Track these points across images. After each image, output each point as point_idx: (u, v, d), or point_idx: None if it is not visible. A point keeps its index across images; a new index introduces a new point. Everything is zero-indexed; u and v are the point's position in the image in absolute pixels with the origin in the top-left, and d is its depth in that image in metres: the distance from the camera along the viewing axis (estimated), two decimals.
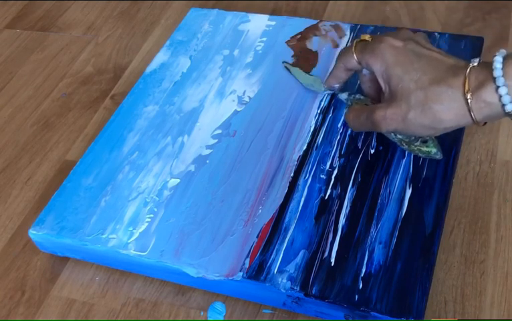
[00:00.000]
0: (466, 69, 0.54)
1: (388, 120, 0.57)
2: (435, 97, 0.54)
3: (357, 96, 0.69)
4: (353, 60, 0.63)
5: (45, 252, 0.65)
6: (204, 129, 0.71)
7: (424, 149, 0.63)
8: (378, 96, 0.65)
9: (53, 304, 0.62)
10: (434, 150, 0.63)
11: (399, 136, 0.64)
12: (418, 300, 0.54)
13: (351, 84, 0.72)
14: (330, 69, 0.71)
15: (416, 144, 0.63)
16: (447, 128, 0.56)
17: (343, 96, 0.70)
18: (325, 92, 0.72)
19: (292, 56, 0.79)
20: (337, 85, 0.68)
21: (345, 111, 0.68)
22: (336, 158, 0.66)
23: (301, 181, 0.64)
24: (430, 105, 0.55)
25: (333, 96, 0.72)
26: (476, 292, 0.58)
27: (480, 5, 0.88)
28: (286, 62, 0.77)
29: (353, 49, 0.63)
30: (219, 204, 0.63)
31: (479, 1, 0.89)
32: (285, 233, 0.60)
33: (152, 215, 0.63)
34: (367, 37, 0.63)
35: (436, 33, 0.78)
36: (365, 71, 0.65)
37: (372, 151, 0.67)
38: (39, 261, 0.65)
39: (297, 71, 0.76)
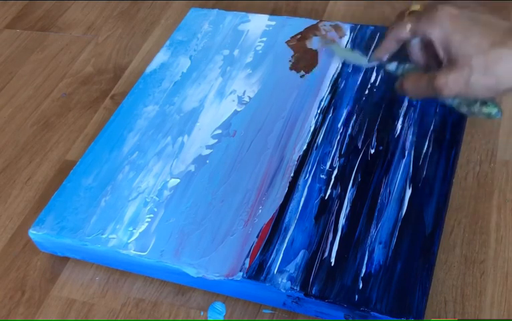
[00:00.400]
0: None
1: (451, 85, 0.58)
2: (496, 59, 0.56)
3: (407, 65, 0.67)
4: (407, 31, 0.63)
5: (45, 252, 0.65)
6: (204, 129, 0.71)
7: (485, 110, 0.62)
8: (429, 64, 0.65)
9: (53, 304, 0.62)
10: (494, 110, 0.62)
11: (457, 100, 0.63)
12: (418, 300, 0.54)
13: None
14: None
15: (475, 105, 0.62)
16: (508, 88, 0.57)
17: (392, 67, 0.68)
18: (370, 64, 0.71)
19: (292, 56, 0.79)
20: (386, 57, 0.67)
21: (398, 81, 0.65)
22: (336, 158, 0.66)
23: (301, 181, 0.64)
24: (491, 67, 0.56)
25: (333, 97, 0.72)
26: (476, 292, 0.58)
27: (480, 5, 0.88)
28: (323, 40, 0.78)
29: (406, 20, 0.63)
30: (219, 204, 0.63)
31: (479, 0, 0.89)
32: (285, 233, 0.60)
33: (152, 215, 0.63)
34: (417, 7, 0.63)
35: None
36: (414, 41, 0.64)
37: (372, 151, 0.67)
38: (39, 261, 0.65)
39: (336, 47, 0.76)
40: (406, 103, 0.71)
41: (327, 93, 0.73)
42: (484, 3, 0.62)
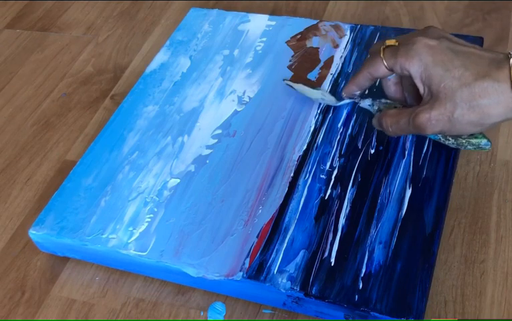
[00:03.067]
0: (508, 61, 0.53)
1: (434, 121, 0.56)
2: (482, 92, 0.54)
3: (383, 101, 0.66)
4: (383, 67, 0.60)
5: (45, 252, 0.65)
6: (204, 129, 0.71)
7: (473, 141, 0.61)
8: (405, 100, 0.63)
9: (53, 304, 0.62)
10: (484, 141, 0.61)
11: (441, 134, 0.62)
12: (418, 300, 0.54)
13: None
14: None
15: (462, 137, 0.61)
16: (495, 122, 0.55)
17: (366, 103, 0.66)
18: (340, 103, 0.69)
19: (292, 56, 0.79)
20: (358, 93, 0.66)
21: (375, 117, 0.64)
22: (336, 158, 0.66)
23: (301, 181, 0.64)
24: (477, 101, 0.54)
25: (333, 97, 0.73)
26: (476, 292, 0.58)
27: (480, 5, 0.88)
28: (286, 79, 0.75)
29: (382, 55, 0.60)
30: (219, 204, 0.63)
31: (479, 0, 0.89)
32: (285, 233, 0.60)
33: (152, 215, 0.63)
34: (392, 41, 0.60)
35: None
36: (389, 77, 0.62)
37: (372, 151, 0.67)
38: (39, 261, 0.65)
39: (301, 87, 0.73)
40: None
41: (344, 103, 0.73)
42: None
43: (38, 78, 0.87)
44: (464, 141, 0.62)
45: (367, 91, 0.69)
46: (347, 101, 0.69)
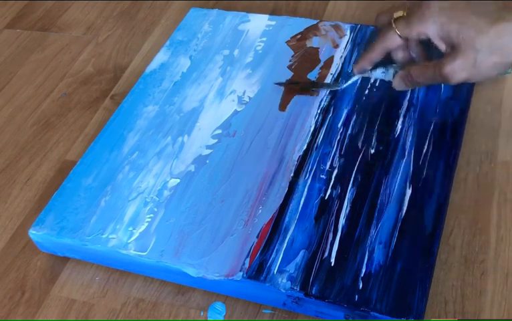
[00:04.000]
0: None
1: (458, 70, 0.60)
2: (499, 34, 0.58)
3: (395, 65, 0.68)
4: (398, 38, 0.64)
5: (45, 252, 0.65)
6: (204, 129, 0.71)
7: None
8: (413, 60, 0.67)
9: (53, 304, 0.62)
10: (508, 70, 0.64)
11: None
12: (418, 300, 0.54)
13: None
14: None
15: None
16: None
17: (379, 72, 0.68)
18: (347, 84, 0.71)
19: (292, 56, 0.79)
20: (369, 67, 0.68)
21: (396, 78, 0.66)
22: (336, 158, 0.66)
23: (301, 181, 0.64)
24: (496, 43, 0.58)
25: (333, 97, 0.72)
26: (476, 292, 0.58)
27: None
28: (280, 83, 0.75)
29: (394, 27, 0.64)
30: (219, 204, 0.63)
31: (479, 0, 0.89)
32: (285, 233, 0.60)
33: (152, 215, 0.63)
34: (400, 13, 0.64)
35: None
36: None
37: (372, 151, 0.67)
38: (39, 261, 0.65)
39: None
40: (406, 104, 0.71)
41: (327, 93, 0.73)
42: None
43: (38, 78, 0.87)
44: None
45: None
46: (354, 78, 0.70)
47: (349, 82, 0.71)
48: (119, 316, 0.60)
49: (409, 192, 0.62)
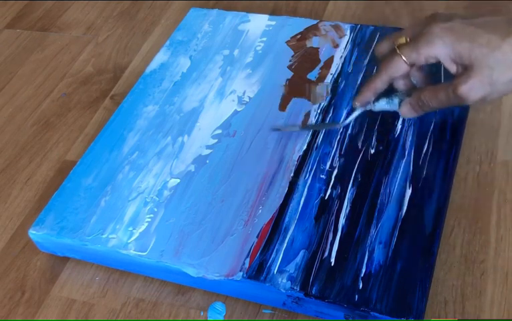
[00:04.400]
0: None
1: (475, 89, 0.57)
2: None
3: (399, 94, 0.63)
4: (404, 65, 0.60)
5: (45, 252, 0.65)
6: (204, 129, 0.71)
7: None
8: (414, 87, 0.63)
9: (53, 304, 0.62)
10: None
11: None
12: (418, 300, 0.54)
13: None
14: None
15: None
16: None
17: (382, 104, 0.63)
18: (347, 121, 0.67)
19: (292, 56, 0.79)
20: (373, 98, 0.63)
21: (405, 104, 0.61)
22: (336, 158, 0.66)
23: (301, 181, 0.64)
24: (511, 57, 0.56)
25: (333, 97, 0.72)
26: (476, 292, 0.58)
27: (480, 4, 0.88)
28: (275, 127, 0.71)
29: (400, 54, 0.60)
30: (219, 204, 0.63)
31: (479, 0, 0.89)
32: (285, 233, 0.60)
33: (152, 215, 0.63)
34: (403, 39, 0.61)
35: None
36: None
37: (372, 151, 0.67)
38: (39, 261, 0.65)
39: (290, 128, 0.70)
40: None
41: (329, 93, 0.73)
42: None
43: (38, 78, 0.87)
44: None
45: None
46: (356, 113, 0.64)
47: (351, 118, 0.66)
48: (119, 316, 0.60)
49: (409, 192, 0.62)
